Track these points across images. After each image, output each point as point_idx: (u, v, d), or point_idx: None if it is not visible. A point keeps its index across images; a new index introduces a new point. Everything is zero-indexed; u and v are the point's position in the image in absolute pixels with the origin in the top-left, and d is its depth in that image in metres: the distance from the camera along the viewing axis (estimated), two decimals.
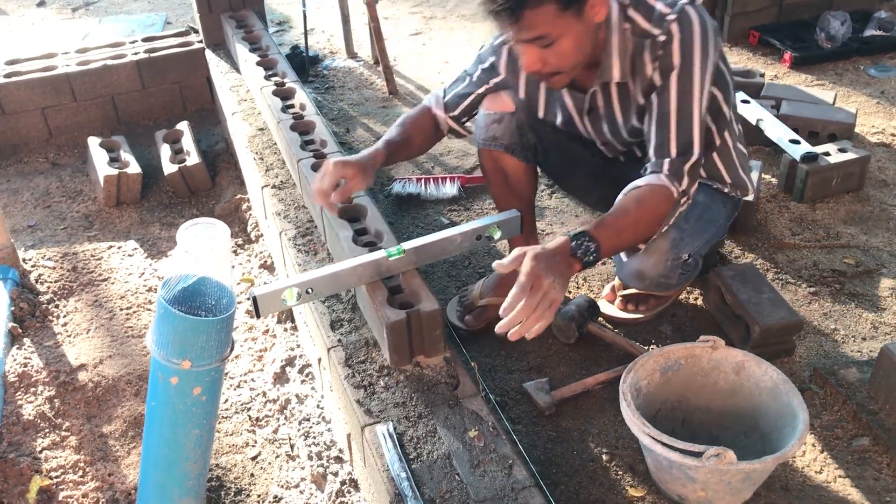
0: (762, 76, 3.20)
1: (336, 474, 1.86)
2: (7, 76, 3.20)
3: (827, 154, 2.67)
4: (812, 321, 2.22)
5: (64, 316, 2.36)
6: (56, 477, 1.88)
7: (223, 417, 2.08)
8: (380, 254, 1.78)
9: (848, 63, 3.53)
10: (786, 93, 3.10)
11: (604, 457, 1.86)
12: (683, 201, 1.84)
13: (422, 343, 1.75)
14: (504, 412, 1.98)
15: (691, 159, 1.81)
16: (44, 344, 2.24)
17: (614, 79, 1.83)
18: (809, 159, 2.62)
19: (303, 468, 1.91)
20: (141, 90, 3.34)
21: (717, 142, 1.98)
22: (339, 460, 1.89)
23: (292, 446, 1.97)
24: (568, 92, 1.97)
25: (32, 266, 2.54)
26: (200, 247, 1.20)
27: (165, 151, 3.01)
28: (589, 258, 1.67)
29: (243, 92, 2.98)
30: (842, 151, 2.68)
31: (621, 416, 1.69)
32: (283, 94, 2.64)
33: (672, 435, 1.81)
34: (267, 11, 4.13)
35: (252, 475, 1.93)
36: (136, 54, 3.34)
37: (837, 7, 3.66)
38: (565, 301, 2.22)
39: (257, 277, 2.53)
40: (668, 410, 1.86)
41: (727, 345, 1.88)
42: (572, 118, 2.02)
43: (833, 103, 3.05)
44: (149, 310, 2.41)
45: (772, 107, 2.97)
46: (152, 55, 3.34)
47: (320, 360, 1.98)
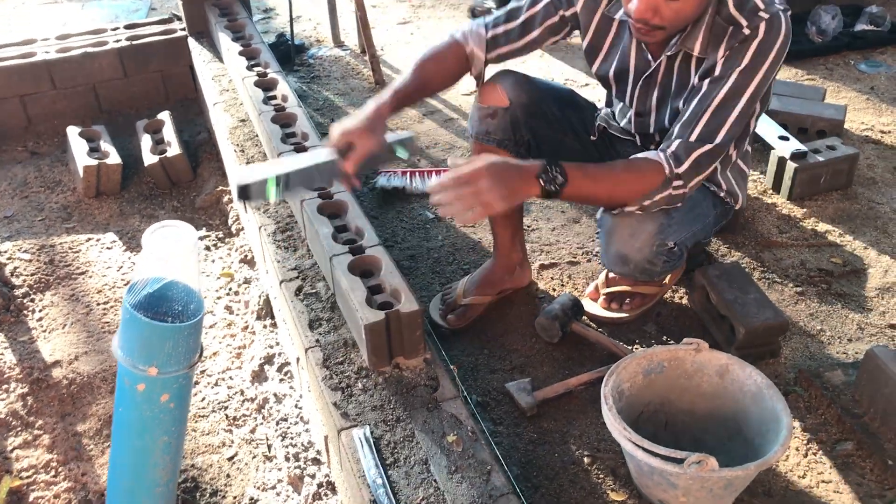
0: None
1: (313, 476, 1.83)
2: None
3: (816, 151, 2.64)
4: (798, 321, 2.19)
5: (39, 310, 2.32)
6: (27, 477, 1.84)
7: (200, 416, 2.04)
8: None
9: (838, 58, 3.51)
10: (775, 88, 3.06)
11: (585, 459, 1.83)
12: (678, 185, 1.78)
13: (401, 344, 1.72)
14: (486, 413, 1.95)
15: (706, 147, 1.77)
16: (18, 339, 2.20)
17: (695, 51, 1.79)
18: (798, 157, 2.59)
19: (280, 469, 1.88)
20: (123, 78, 3.28)
21: (730, 152, 1.97)
22: (317, 462, 1.86)
23: (269, 447, 1.94)
24: (637, 50, 1.92)
25: (8, 258, 2.49)
26: (167, 250, 1.17)
27: (146, 142, 2.96)
28: (551, 187, 1.65)
29: (226, 82, 2.93)
30: (831, 149, 2.65)
31: (603, 419, 1.67)
32: (266, 85, 2.59)
33: (654, 438, 1.79)
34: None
35: (228, 476, 1.90)
36: (118, 42, 3.28)
37: (828, 1, 3.63)
38: (549, 300, 2.19)
39: (238, 272, 2.49)
40: (651, 413, 1.84)
41: (711, 346, 1.86)
42: (627, 75, 1.96)
43: (823, 99, 3.02)
44: None
45: None
46: (134, 43, 3.28)
47: (298, 360, 1.94)
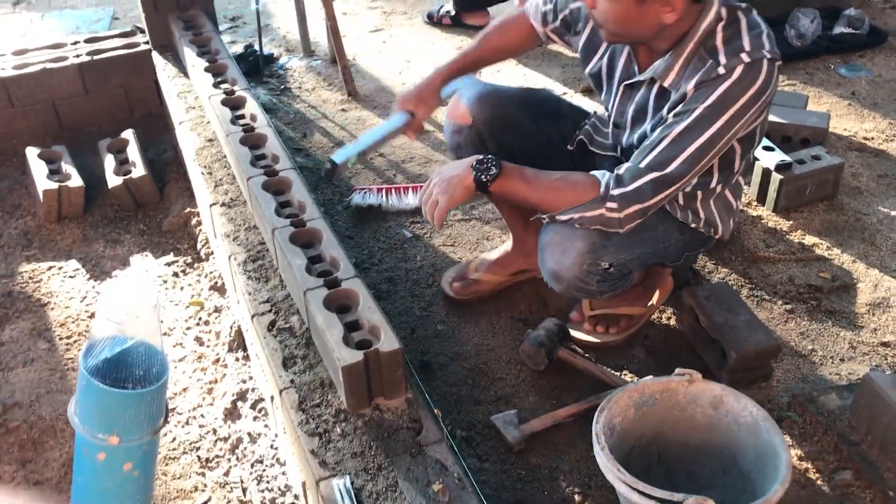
0: None
1: None
2: None
3: (801, 162, 2.58)
4: (789, 341, 2.13)
5: None
6: None
7: (170, 458, 1.94)
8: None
9: (818, 62, 3.46)
10: None
11: (576, 497, 1.76)
12: (612, 207, 1.73)
13: (381, 385, 1.63)
14: (471, 449, 1.87)
15: (653, 175, 1.71)
16: None
17: (666, 82, 1.74)
18: (783, 168, 2.53)
19: None
20: (84, 95, 3.15)
21: (712, 185, 1.89)
22: None
23: (244, 490, 1.85)
24: (626, 59, 1.87)
25: None
26: (126, 309, 1.07)
27: (110, 162, 2.84)
28: (482, 177, 1.79)
29: (192, 99, 2.81)
30: (815, 158, 2.60)
31: (594, 452, 1.59)
32: (233, 104, 2.48)
33: (647, 472, 1.72)
34: (219, 8, 3.95)
35: None
36: (79, 56, 3.14)
37: (807, 4, 3.58)
38: (534, 325, 2.11)
39: (208, 300, 2.38)
40: (644, 447, 1.76)
41: (702, 370, 1.80)
42: (613, 79, 1.91)
43: (805, 106, 2.97)
44: None
45: None
46: (95, 58, 3.14)
47: (273, 399, 1.85)
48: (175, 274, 2.52)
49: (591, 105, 2.79)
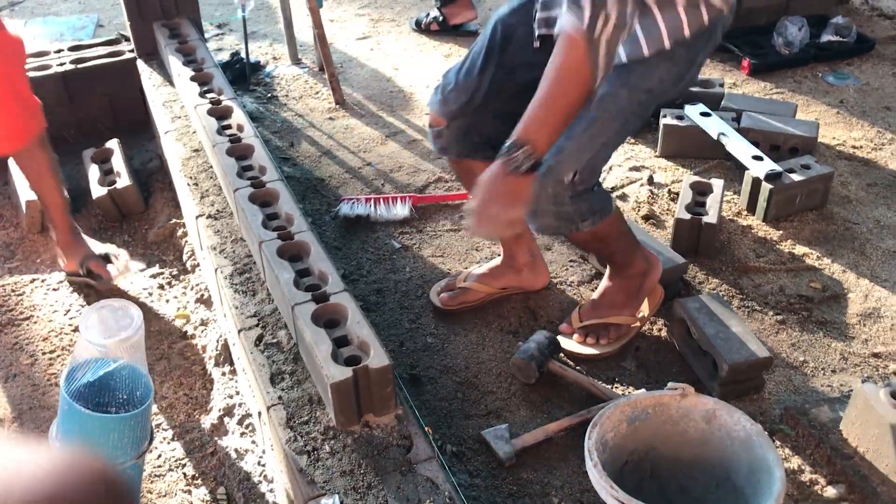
0: (721, 86, 3.11)
1: None
2: None
3: (790, 171, 2.58)
4: (781, 353, 2.12)
5: None
6: None
7: (156, 476, 1.90)
8: None
9: (806, 70, 3.46)
10: (746, 104, 3.01)
11: None
12: (600, 27, 1.46)
13: (371, 401, 1.61)
14: (462, 464, 1.84)
15: None
16: None
17: None
18: (773, 177, 2.53)
19: None
20: (68, 104, 3.11)
21: None
22: None
23: None
24: None
25: None
26: (110, 335, 1.04)
27: (94, 172, 2.80)
28: (527, 164, 1.55)
29: (177, 108, 2.78)
30: (805, 168, 2.60)
31: (586, 468, 1.57)
32: (220, 114, 2.45)
33: (640, 487, 1.71)
34: (206, 15, 3.92)
35: None
36: (63, 65, 3.11)
37: (794, 12, 3.59)
38: (525, 338, 2.09)
39: (194, 313, 2.35)
40: (636, 462, 1.75)
41: (693, 382, 1.79)
42: None
43: (794, 114, 2.97)
44: None
45: (732, 119, 2.87)
46: (79, 66, 3.10)
47: (260, 415, 1.82)
48: (161, 286, 2.48)
49: None
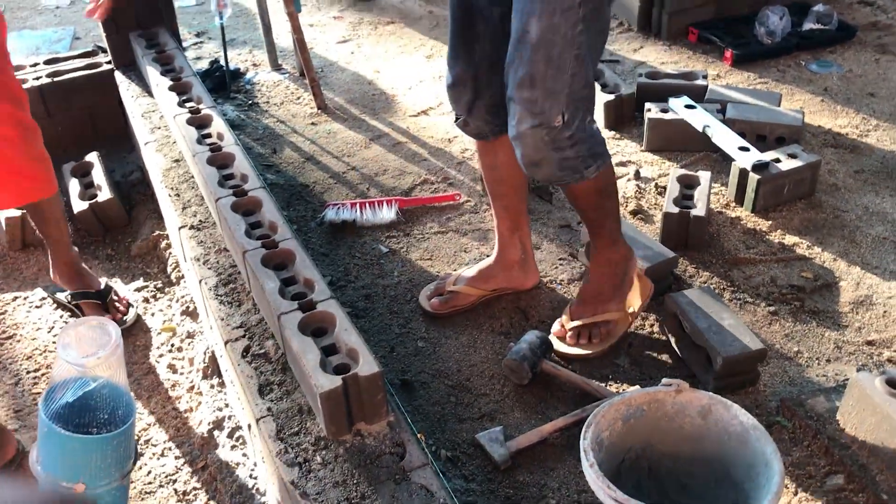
0: (705, 77, 3.09)
1: None
2: None
3: (777, 161, 2.56)
4: (774, 344, 2.11)
5: None
6: None
7: (146, 493, 1.87)
8: None
9: (789, 59, 3.45)
10: (730, 95, 2.99)
11: None
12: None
13: (361, 409, 1.58)
14: (457, 469, 1.82)
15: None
16: None
17: None
18: (760, 168, 2.51)
19: None
20: (46, 118, 3.06)
21: None
22: None
23: None
24: None
25: None
26: (88, 354, 1.01)
27: (74, 187, 2.76)
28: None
29: (157, 118, 2.74)
30: (792, 157, 2.58)
31: (582, 468, 1.55)
32: (199, 123, 2.42)
33: (638, 486, 1.68)
34: (184, 24, 3.88)
35: None
36: (39, 79, 3.06)
37: (775, 1, 3.58)
38: (516, 339, 2.07)
39: (180, 325, 2.32)
40: (633, 460, 1.72)
41: (688, 378, 1.76)
42: None
43: (779, 104, 2.96)
44: None
45: (717, 110, 2.86)
46: (56, 79, 3.06)
47: (250, 427, 1.79)
48: (146, 299, 2.45)
49: None
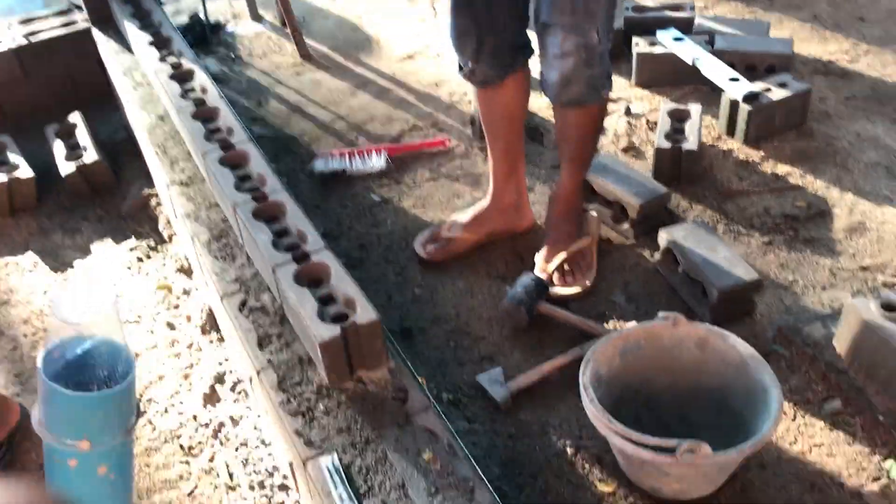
0: (692, 9, 3.04)
1: None
2: None
3: (768, 90, 2.54)
4: (769, 273, 2.11)
5: None
6: None
7: (152, 449, 1.88)
8: None
9: None
10: (718, 26, 2.95)
11: (568, 450, 1.73)
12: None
13: (361, 357, 1.58)
14: (459, 411, 1.84)
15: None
16: None
17: None
18: (751, 98, 2.49)
19: (245, 499, 1.74)
20: (24, 80, 3.02)
21: None
22: (284, 488, 1.73)
23: (231, 475, 1.80)
24: None
25: None
26: (83, 312, 1.01)
27: (59, 149, 2.72)
28: None
29: (139, 75, 2.70)
30: (782, 86, 2.56)
31: (583, 405, 1.56)
32: (181, 77, 2.38)
33: (637, 419, 1.70)
34: None
35: None
36: (14, 40, 3.00)
37: None
38: (512, 283, 2.07)
39: (175, 283, 2.31)
40: (632, 394, 1.74)
41: (684, 311, 1.77)
42: None
43: (767, 33, 2.92)
44: None
45: (705, 42, 2.82)
46: (32, 39, 3.00)
47: (251, 380, 1.79)
48: (139, 258, 2.43)
49: None
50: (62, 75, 3.09)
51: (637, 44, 2.87)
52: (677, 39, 2.80)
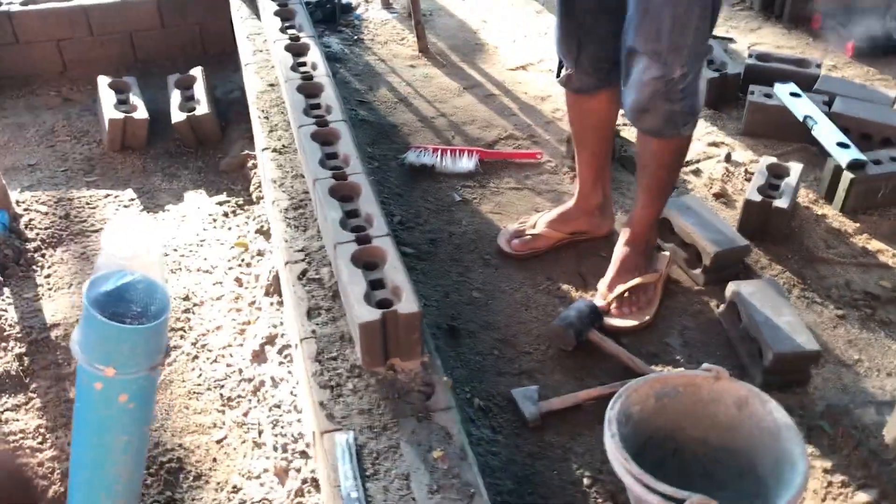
0: (818, 66, 2.95)
1: (299, 470, 1.76)
2: (23, 3, 3.09)
3: (877, 162, 2.44)
4: (834, 349, 2.04)
5: (49, 267, 2.28)
6: (13, 441, 1.81)
7: (194, 393, 1.99)
8: None
9: None
10: (841, 87, 2.85)
11: (585, 480, 1.73)
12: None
13: (398, 345, 1.62)
14: (486, 419, 1.86)
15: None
16: (23, 296, 2.16)
17: None
18: (857, 167, 2.40)
19: (268, 458, 1.82)
20: (160, 29, 3.21)
21: None
22: (305, 455, 1.79)
23: (260, 433, 1.88)
24: None
25: (25, 209, 2.46)
26: (131, 247, 1.09)
27: (176, 98, 2.89)
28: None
29: (260, 42, 2.83)
30: (894, 160, 2.45)
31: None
32: (296, 50, 2.48)
33: (661, 466, 1.67)
34: None
35: (215, 460, 1.84)
36: None
37: None
38: (569, 304, 2.07)
39: (252, 242, 2.42)
40: (661, 440, 1.71)
41: (737, 367, 1.73)
42: None
43: (893, 105, 2.80)
44: None
45: (824, 102, 2.73)
46: None
47: (296, 346, 1.87)
48: (225, 214, 2.56)
49: None
50: (194, 31, 3.27)
51: (752, 92, 2.80)
52: (794, 94, 2.72)
